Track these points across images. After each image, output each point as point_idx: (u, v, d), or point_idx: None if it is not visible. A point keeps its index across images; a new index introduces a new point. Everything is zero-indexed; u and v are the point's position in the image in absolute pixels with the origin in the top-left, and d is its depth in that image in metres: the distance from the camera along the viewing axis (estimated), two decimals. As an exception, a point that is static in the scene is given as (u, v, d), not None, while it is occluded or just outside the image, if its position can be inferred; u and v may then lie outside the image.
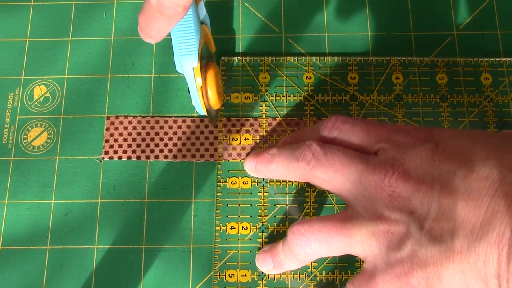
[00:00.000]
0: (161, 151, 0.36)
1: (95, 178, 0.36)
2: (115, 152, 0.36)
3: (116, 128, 0.37)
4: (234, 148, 0.36)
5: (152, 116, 0.37)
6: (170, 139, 0.36)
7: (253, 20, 0.39)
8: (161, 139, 0.36)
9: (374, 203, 0.27)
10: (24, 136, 0.37)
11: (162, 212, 0.35)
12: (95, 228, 0.35)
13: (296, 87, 0.37)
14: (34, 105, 0.38)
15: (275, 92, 0.37)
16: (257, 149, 0.35)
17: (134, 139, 0.36)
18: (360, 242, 0.28)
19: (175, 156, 0.36)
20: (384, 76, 0.37)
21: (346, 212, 0.29)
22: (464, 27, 0.39)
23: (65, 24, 0.39)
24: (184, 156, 0.36)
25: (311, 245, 0.28)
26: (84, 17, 0.40)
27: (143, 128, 0.37)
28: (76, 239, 0.34)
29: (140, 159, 0.36)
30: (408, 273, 0.26)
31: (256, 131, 0.36)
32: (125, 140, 0.36)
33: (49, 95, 0.38)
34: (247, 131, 0.36)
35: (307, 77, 0.37)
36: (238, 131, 0.36)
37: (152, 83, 0.38)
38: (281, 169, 0.31)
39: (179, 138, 0.36)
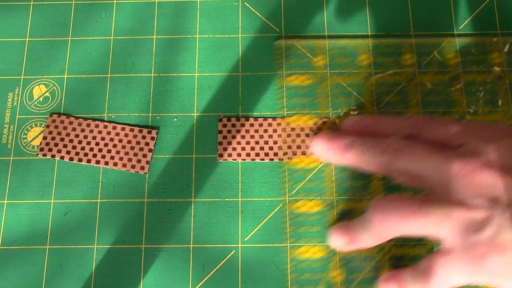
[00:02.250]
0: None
1: (94, 178, 0.36)
2: (115, 152, 0.36)
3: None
4: (234, 148, 0.36)
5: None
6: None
7: (253, 20, 0.39)
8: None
9: (454, 190, 0.28)
10: (24, 136, 0.37)
11: (161, 212, 0.35)
12: (94, 228, 0.35)
13: (354, 69, 0.38)
14: (34, 105, 0.37)
15: (334, 75, 0.37)
16: (325, 131, 0.35)
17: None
18: (437, 224, 0.28)
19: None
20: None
21: (425, 197, 0.29)
22: (464, 27, 0.39)
23: (65, 23, 0.39)
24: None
25: (390, 220, 0.28)
26: (84, 17, 0.40)
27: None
28: (76, 239, 0.34)
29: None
30: (485, 255, 0.26)
31: (256, 131, 0.36)
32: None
33: (48, 95, 0.38)
34: (247, 131, 0.36)
35: (363, 59, 0.38)
36: (238, 131, 0.36)
37: (152, 82, 0.38)
38: (360, 159, 0.31)
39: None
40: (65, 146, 0.36)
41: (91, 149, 0.36)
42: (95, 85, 0.38)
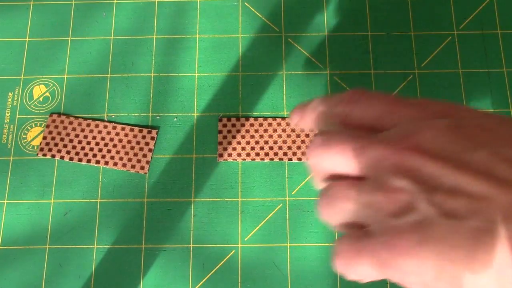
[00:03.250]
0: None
1: (94, 178, 0.36)
2: (115, 151, 0.36)
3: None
4: (234, 148, 0.36)
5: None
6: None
7: (253, 20, 0.39)
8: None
9: (378, 174, 0.26)
10: (24, 136, 0.37)
11: (161, 212, 0.35)
12: (94, 228, 0.35)
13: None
14: (34, 105, 0.37)
15: None
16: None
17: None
18: (362, 211, 0.26)
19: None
20: None
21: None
22: (464, 27, 0.39)
23: (65, 23, 0.39)
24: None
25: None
26: (84, 17, 0.40)
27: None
28: (76, 239, 0.34)
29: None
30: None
31: (256, 131, 0.36)
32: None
33: (48, 95, 0.38)
34: (247, 131, 0.36)
35: None
36: (238, 131, 0.36)
37: (152, 82, 0.38)
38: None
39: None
40: (65, 146, 0.36)
41: (91, 149, 0.36)
42: (95, 85, 0.38)
